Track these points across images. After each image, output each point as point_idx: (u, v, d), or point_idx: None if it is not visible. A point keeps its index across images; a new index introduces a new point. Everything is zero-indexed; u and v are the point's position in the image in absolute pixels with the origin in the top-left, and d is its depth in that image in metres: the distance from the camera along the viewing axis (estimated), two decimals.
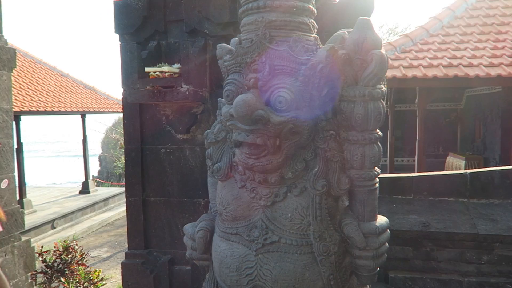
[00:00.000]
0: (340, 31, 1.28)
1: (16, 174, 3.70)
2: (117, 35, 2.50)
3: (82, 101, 9.20)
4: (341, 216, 1.33)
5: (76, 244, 4.70)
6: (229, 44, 1.48)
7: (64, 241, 4.69)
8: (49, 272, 4.29)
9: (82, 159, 10.10)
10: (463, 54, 5.94)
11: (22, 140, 7.89)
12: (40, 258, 4.37)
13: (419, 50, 6.17)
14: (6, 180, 3.51)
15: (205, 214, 1.52)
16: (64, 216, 8.25)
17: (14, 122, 3.91)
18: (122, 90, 2.49)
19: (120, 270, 6.15)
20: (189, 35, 2.40)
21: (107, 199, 9.83)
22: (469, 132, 9.54)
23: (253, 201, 1.32)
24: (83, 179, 10.27)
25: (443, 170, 9.02)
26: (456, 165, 8.61)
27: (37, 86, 8.56)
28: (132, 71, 2.27)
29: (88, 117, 10.17)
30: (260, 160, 1.21)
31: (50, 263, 4.32)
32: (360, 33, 1.20)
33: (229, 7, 2.28)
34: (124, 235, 8.09)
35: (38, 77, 8.91)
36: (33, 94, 8.09)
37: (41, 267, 4.36)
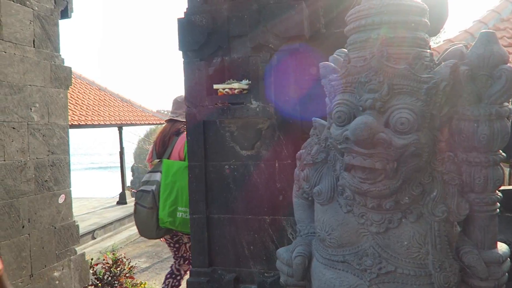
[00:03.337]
0: (457, 45, 1.20)
1: (72, 188, 3.79)
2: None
3: (119, 114, 9.43)
4: (457, 243, 1.23)
5: (124, 257, 4.77)
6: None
7: (113, 253, 4.77)
8: (99, 284, 4.36)
9: (112, 171, 10.35)
10: None
11: None
12: (91, 271, 4.45)
13: None
14: (63, 195, 3.59)
15: (299, 238, 1.46)
16: (103, 226, 8.42)
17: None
18: (186, 107, 2.49)
19: (160, 282, 6.12)
20: (253, 50, 2.37)
21: None
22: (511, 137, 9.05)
23: (362, 227, 1.24)
24: (120, 191, 10.49)
25: None
26: None
27: (78, 101, 8.87)
28: (201, 88, 2.26)
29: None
30: (376, 185, 1.13)
31: (100, 276, 4.39)
32: (485, 47, 1.12)
33: (296, 21, 2.24)
34: (161, 246, 8.15)
35: (79, 92, 9.23)
36: (74, 108, 8.38)
37: (92, 279, 4.44)
